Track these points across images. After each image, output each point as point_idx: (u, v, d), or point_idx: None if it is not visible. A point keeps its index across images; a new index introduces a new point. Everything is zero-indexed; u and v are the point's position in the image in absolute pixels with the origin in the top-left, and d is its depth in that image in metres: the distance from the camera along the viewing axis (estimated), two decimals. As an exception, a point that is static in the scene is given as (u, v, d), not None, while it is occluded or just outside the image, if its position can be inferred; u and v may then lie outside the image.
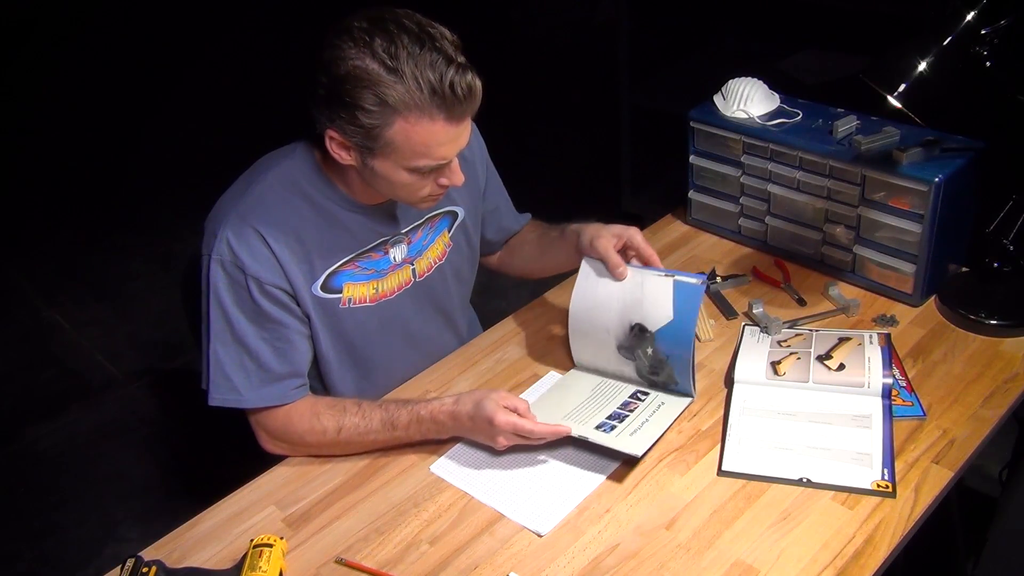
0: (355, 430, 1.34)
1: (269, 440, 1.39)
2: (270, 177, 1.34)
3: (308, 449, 1.38)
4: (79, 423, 2.80)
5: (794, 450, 1.31)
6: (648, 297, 1.40)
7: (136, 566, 1.17)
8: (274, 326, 1.34)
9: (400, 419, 1.34)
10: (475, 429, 1.32)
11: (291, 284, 1.33)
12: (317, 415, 1.35)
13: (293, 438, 1.37)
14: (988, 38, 1.33)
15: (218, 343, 1.32)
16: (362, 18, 1.20)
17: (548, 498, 1.27)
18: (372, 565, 1.20)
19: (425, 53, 1.17)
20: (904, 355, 1.49)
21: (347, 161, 1.28)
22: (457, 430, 1.34)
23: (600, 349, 1.46)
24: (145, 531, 2.28)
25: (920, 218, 1.51)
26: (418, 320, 1.53)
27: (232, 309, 1.31)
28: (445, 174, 1.30)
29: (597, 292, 1.45)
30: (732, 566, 1.16)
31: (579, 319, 1.48)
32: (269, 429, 1.37)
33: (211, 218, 1.33)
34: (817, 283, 1.67)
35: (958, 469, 1.28)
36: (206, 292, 1.32)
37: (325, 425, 1.35)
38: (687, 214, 1.88)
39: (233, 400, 1.34)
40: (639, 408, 1.38)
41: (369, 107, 1.19)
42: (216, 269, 1.29)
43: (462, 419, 1.31)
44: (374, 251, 1.42)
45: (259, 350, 1.33)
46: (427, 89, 1.18)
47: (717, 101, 1.76)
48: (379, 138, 1.22)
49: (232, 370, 1.33)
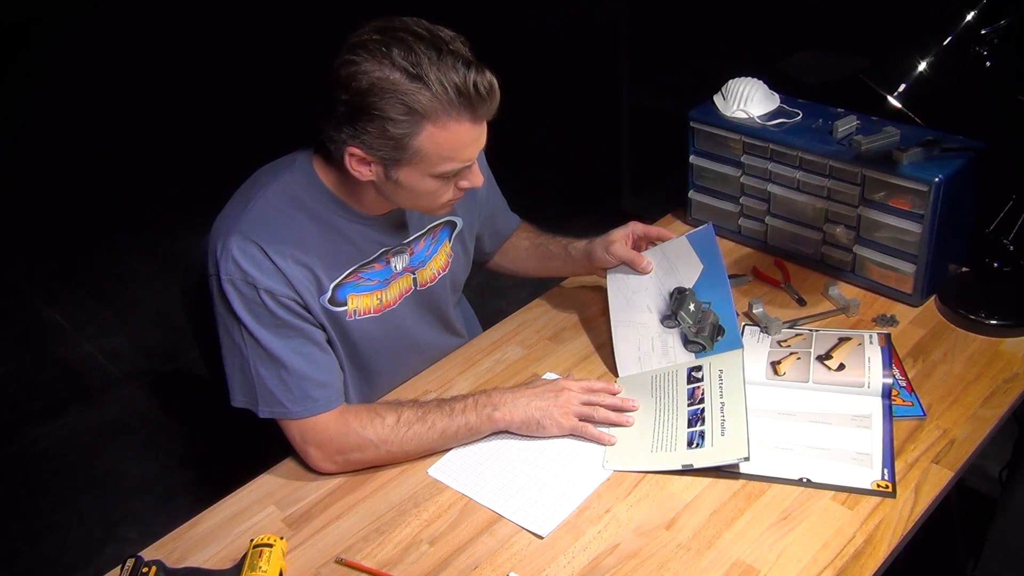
0: (414, 415, 1.33)
1: (322, 457, 1.33)
2: (270, 193, 1.32)
3: (364, 453, 1.33)
4: (79, 423, 2.80)
5: (794, 450, 1.31)
6: (673, 262, 1.47)
7: (136, 566, 1.17)
8: (297, 335, 1.32)
9: (456, 404, 1.35)
10: (538, 394, 1.37)
11: (301, 297, 1.32)
12: (374, 410, 1.34)
13: (351, 441, 1.32)
14: (988, 38, 1.33)
15: (256, 361, 1.31)
16: (372, 30, 1.19)
17: (548, 499, 1.27)
18: (372, 565, 1.20)
19: (445, 57, 1.17)
20: (904, 355, 1.49)
21: (367, 177, 1.27)
22: (516, 404, 1.35)
23: (643, 340, 1.48)
24: (145, 531, 2.28)
25: (920, 218, 1.51)
26: (421, 327, 1.53)
27: (254, 326, 1.29)
28: (466, 176, 1.30)
29: (630, 296, 1.51)
30: (732, 566, 1.16)
31: (622, 323, 1.51)
32: (323, 441, 1.32)
33: (213, 237, 1.31)
34: (817, 283, 1.67)
35: (958, 469, 1.28)
36: (224, 314, 1.31)
37: (384, 416, 1.33)
38: (687, 214, 1.88)
39: (281, 413, 1.32)
40: (706, 392, 1.37)
41: (397, 116, 1.18)
42: (229, 290, 1.28)
43: (522, 391, 1.37)
44: (376, 262, 1.42)
45: (292, 362, 1.31)
46: (453, 92, 1.17)
47: (717, 101, 1.76)
48: (407, 148, 1.21)
49: (273, 386, 1.31)
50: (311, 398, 1.32)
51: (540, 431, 1.35)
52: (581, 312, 1.66)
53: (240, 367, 1.33)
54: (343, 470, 1.35)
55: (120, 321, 3.27)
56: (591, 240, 1.57)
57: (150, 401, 2.89)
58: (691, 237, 1.47)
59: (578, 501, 1.27)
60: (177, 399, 2.90)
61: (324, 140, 1.28)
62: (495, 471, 1.33)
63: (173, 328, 3.00)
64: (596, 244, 1.55)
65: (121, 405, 2.86)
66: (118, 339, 3.17)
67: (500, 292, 2.85)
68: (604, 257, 1.53)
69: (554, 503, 1.27)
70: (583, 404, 1.37)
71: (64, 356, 3.12)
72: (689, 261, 1.46)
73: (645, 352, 1.48)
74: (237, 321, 1.30)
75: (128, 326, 3.23)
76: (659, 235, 1.52)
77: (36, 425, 2.79)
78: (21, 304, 3.43)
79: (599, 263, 1.55)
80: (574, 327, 1.62)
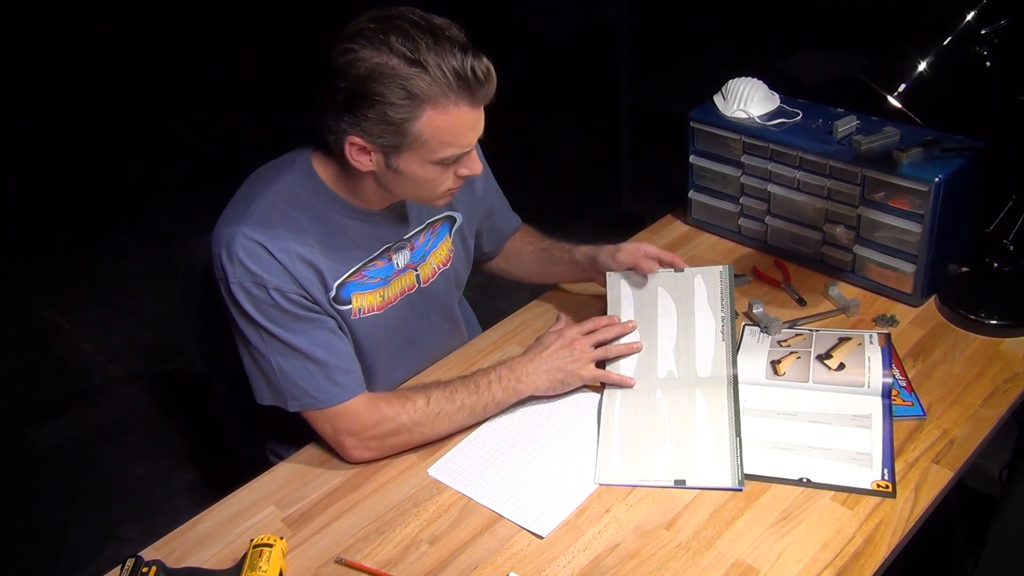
0: (443, 395, 1.36)
1: (357, 444, 1.34)
2: (270, 193, 1.32)
3: (399, 437, 1.35)
4: (79, 423, 2.80)
5: (794, 450, 1.31)
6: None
7: (136, 566, 1.17)
8: (313, 327, 1.33)
9: (480, 380, 1.39)
10: (552, 354, 1.43)
11: (309, 292, 1.32)
12: (404, 395, 1.36)
13: (386, 427, 1.34)
14: (988, 38, 1.33)
15: (278, 358, 1.31)
16: (368, 20, 1.21)
17: (548, 499, 1.27)
18: (372, 565, 1.20)
19: (442, 42, 1.19)
20: (904, 355, 1.49)
21: (368, 167, 1.28)
22: (538, 370, 1.41)
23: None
24: (145, 531, 2.28)
25: (920, 218, 1.51)
26: (423, 324, 1.53)
27: (270, 325, 1.30)
28: (465, 163, 1.31)
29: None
30: (732, 566, 1.16)
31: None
32: (357, 428, 1.34)
33: (216, 241, 1.31)
34: (817, 283, 1.67)
35: (958, 469, 1.28)
36: (238, 316, 1.31)
37: (415, 400, 1.35)
38: (687, 214, 1.88)
39: (310, 404, 1.33)
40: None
41: (397, 101, 1.19)
42: (239, 292, 1.28)
43: (537, 356, 1.43)
44: (378, 259, 1.42)
45: (313, 352, 1.32)
46: (452, 76, 1.19)
47: (717, 101, 1.76)
48: (408, 133, 1.22)
49: (299, 378, 1.32)
50: (339, 384, 1.33)
51: (565, 388, 1.43)
52: (581, 312, 1.65)
53: (262, 367, 1.33)
54: (379, 456, 1.36)
55: (120, 321, 3.27)
56: (597, 246, 1.59)
57: (150, 401, 2.89)
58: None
59: (578, 501, 1.27)
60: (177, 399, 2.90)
61: (323, 132, 1.28)
62: (495, 471, 1.33)
63: (173, 328, 3.00)
64: (603, 250, 1.57)
65: (121, 405, 2.86)
66: (118, 339, 3.17)
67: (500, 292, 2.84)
68: (609, 263, 1.55)
69: (554, 503, 1.27)
70: (595, 347, 1.45)
71: (64, 356, 3.12)
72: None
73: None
74: (252, 322, 1.30)
75: (128, 326, 3.23)
76: (671, 261, 1.54)
77: (36, 425, 2.79)
78: (21, 304, 3.43)
79: (604, 268, 1.56)
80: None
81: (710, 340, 1.45)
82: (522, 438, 1.38)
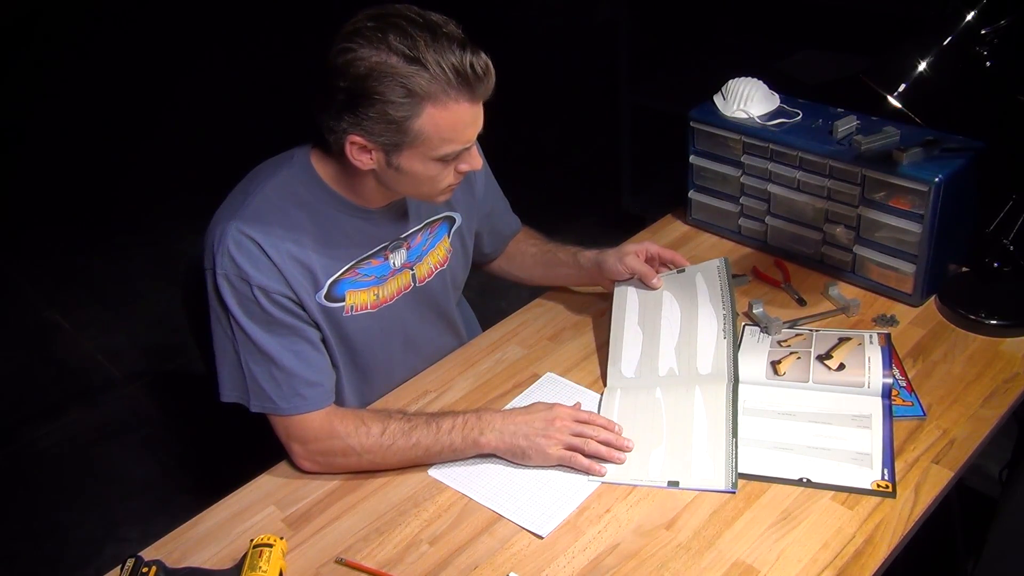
0: (399, 430, 1.32)
1: (303, 454, 1.33)
2: (268, 188, 1.32)
3: (347, 458, 1.33)
4: (79, 423, 2.80)
5: (794, 450, 1.31)
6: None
7: (136, 566, 1.17)
8: (289, 332, 1.33)
9: (444, 422, 1.32)
10: (528, 421, 1.31)
11: (296, 294, 1.32)
12: (361, 418, 1.34)
13: (334, 445, 1.32)
14: (988, 38, 1.33)
15: (248, 356, 1.31)
16: (365, 18, 1.21)
17: (548, 499, 1.27)
18: (372, 565, 1.20)
19: (440, 39, 1.19)
20: (904, 355, 1.49)
21: (368, 165, 1.28)
22: (504, 430, 1.31)
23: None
24: (145, 531, 2.28)
25: (920, 218, 1.51)
26: (418, 324, 1.53)
27: (246, 322, 1.30)
28: (465, 159, 1.31)
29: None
30: (732, 566, 1.16)
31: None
32: (308, 439, 1.33)
33: (210, 231, 1.31)
34: (817, 283, 1.67)
35: (958, 469, 1.28)
36: (217, 308, 1.31)
37: (370, 426, 1.32)
38: (687, 214, 1.88)
39: (270, 408, 1.33)
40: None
41: (397, 99, 1.19)
42: (223, 284, 1.29)
43: (515, 415, 1.33)
44: (374, 257, 1.42)
45: (282, 358, 1.31)
46: (451, 72, 1.19)
47: (717, 101, 1.76)
48: (408, 131, 1.22)
49: (263, 381, 1.32)
50: (300, 396, 1.32)
51: (525, 460, 1.31)
52: (581, 312, 1.66)
53: (231, 361, 1.33)
54: (323, 471, 1.35)
55: (120, 321, 3.27)
56: (602, 250, 1.58)
57: (150, 401, 2.89)
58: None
59: (578, 501, 1.27)
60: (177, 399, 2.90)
61: (323, 132, 1.28)
62: (495, 471, 1.33)
63: (173, 328, 3.00)
64: (608, 254, 1.57)
65: (121, 405, 2.86)
66: (118, 339, 3.17)
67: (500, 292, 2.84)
68: (616, 268, 1.55)
69: (554, 503, 1.27)
70: (574, 435, 1.32)
71: (64, 356, 3.12)
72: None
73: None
74: (229, 316, 1.30)
75: (128, 326, 3.23)
76: (673, 259, 1.56)
77: (36, 425, 2.79)
78: (22, 304, 3.43)
79: (610, 274, 1.56)
80: (574, 327, 1.62)
81: (711, 338, 1.45)
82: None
